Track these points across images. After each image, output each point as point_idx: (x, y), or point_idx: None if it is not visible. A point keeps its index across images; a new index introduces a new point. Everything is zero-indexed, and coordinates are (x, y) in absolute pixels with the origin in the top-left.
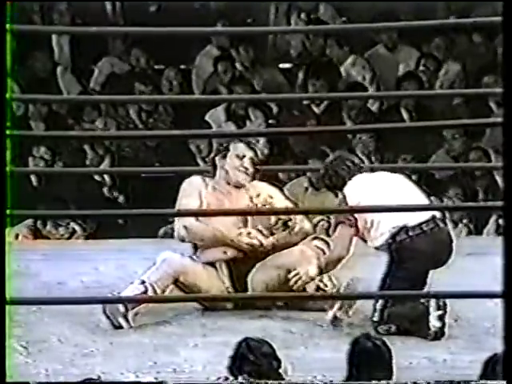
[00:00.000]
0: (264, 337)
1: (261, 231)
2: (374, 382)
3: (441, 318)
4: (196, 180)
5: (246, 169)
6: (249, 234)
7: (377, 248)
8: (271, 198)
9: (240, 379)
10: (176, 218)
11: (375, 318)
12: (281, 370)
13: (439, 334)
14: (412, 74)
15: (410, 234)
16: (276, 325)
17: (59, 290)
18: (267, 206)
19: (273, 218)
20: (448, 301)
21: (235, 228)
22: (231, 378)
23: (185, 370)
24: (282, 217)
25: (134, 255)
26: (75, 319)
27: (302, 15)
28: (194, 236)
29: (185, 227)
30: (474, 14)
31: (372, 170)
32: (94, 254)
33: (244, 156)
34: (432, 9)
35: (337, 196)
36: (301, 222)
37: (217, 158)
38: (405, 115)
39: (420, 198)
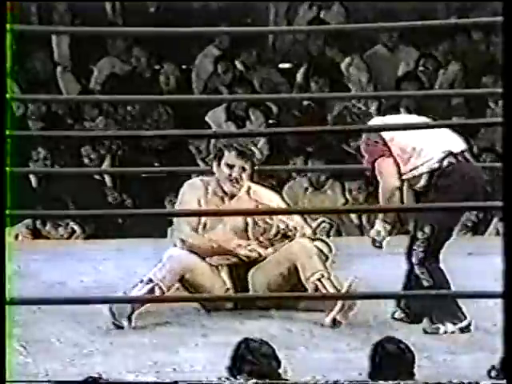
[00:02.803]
0: (264, 337)
1: (261, 242)
2: (378, 382)
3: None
4: (196, 184)
5: (236, 180)
6: (248, 246)
7: (415, 178)
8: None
9: (240, 379)
10: (174, 227)
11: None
12: (280, 371)
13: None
14: (412, 74)
15: (459, 158)
16: (276, 325)
17: (59, 290)
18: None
19: (273, 230)
20: None
21: (234, 239)
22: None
23: (185, 369)
24: (282, 226)
25: (133, 255)
26: (75, 319)
27: (305, 16)
28: (192, 248)
29: (182, 240)
30: (474, 14)
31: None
32: (94, 253)
33: (233, 166)
34: (432, 9)
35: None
36: (301, 229)
37: (214, 165)
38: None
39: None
